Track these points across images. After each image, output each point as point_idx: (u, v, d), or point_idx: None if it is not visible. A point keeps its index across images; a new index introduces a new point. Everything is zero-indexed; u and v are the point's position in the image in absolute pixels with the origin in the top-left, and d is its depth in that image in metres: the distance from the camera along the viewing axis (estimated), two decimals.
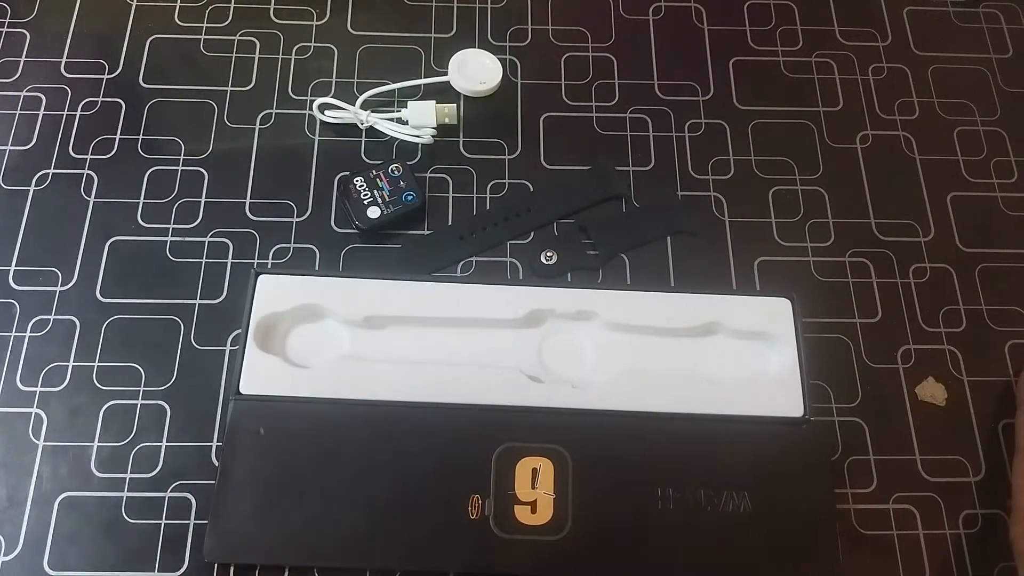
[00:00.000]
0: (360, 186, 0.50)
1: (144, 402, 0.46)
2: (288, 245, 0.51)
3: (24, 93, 0.54)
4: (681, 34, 0.59)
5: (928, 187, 0.54)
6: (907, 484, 0.46)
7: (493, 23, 0.59)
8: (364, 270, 0.50)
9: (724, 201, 0.53)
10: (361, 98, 0.53)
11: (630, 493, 0.43)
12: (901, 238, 0.53)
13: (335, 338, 0.48)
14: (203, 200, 0.52)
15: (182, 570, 0.43)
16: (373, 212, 0.49)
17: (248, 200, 0.52)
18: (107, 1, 0.58)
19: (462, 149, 0.54)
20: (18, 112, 0.54)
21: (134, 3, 0.58)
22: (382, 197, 0.50)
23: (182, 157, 0.53)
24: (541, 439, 0.44)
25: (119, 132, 0.53)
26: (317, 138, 0.54)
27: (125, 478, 0.45)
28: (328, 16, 0.58)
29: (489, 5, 0.59)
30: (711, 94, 0.57)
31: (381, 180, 0.50)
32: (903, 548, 0.45)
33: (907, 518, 0.46)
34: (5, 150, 0.53)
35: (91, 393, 0.46)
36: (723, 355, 0.48)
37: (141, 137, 0.53)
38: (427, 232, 0.51)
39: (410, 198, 0.51)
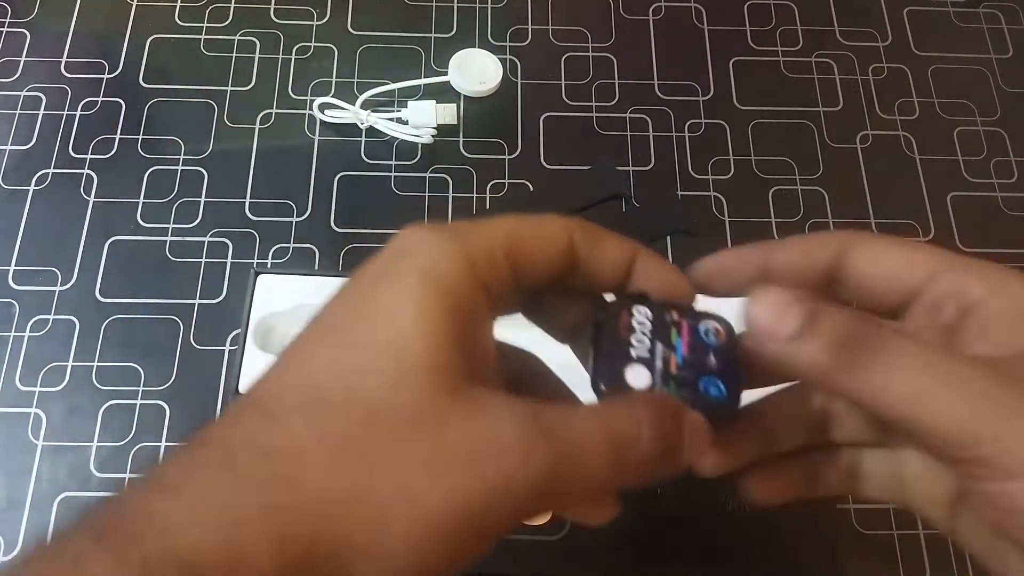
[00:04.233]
0: (639, 323, 0.26)
1: (143, 402, 0.46)
2: (288, 245, 0.51)
3: (24, 93, 0.54)
4: (681, 34, 0.59)
5: (928, 187, 0.54)
6: None
7: (493, 23, 0.59)
8: None
9: (724, 201, 0.53)
10: (361, 98, 0.53)
11: (630, 493, 0.43)
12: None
13: None
14: (203, 200, 0.52)
15: None
16: (636, 377, 0.25)
17: (248, 200, 0.52)
18: (107, 1, 0.58)
19: (462, 149, 0.54)
20: (18, 112, 0.54)
21: (134, 3, 0.58)
22: (666, 360, 0.25)
23: (182, 157, 0.53)
24: None
25: (119, 132, 0.53)
26: (317, 138, 0.54)
27: (125, 478, 0.45)
28: (328, 16, 0.58)
29: (489, 5, 0.59)
30: (711, 94, 0.57)
31: (680, 332, 0.26)
32: (903, 548, 0.45)
33: (908, 518, 0.45)
34: (5, 150, 0.53)
35: (90, 393, 0.46)
36: None
37: (141, 137, 0.53)
38: None
39: (714, 392, 0.24)
